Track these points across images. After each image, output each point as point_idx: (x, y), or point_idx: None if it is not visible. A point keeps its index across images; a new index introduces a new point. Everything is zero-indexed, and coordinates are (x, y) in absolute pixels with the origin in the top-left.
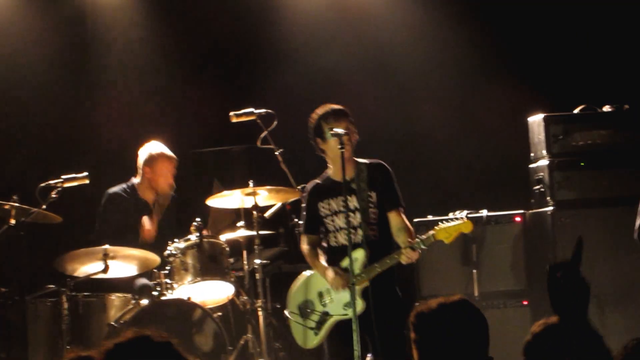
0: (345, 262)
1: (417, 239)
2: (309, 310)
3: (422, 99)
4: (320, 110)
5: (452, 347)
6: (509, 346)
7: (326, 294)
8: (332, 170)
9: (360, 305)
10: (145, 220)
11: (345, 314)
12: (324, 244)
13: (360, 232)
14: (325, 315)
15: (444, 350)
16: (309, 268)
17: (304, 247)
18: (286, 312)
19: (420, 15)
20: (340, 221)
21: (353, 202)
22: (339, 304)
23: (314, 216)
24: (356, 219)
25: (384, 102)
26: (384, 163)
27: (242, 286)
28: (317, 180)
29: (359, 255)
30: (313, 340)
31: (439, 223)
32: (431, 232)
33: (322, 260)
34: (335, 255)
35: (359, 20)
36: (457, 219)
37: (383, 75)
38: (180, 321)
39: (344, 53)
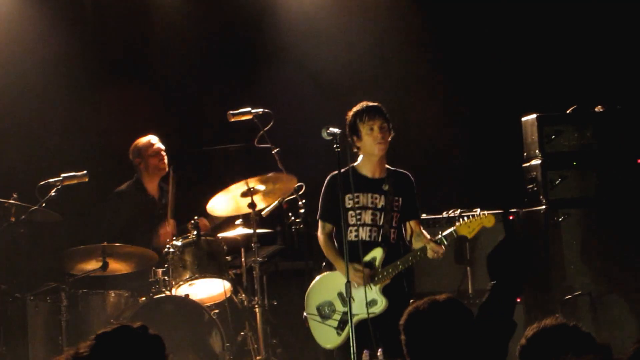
0: (366, 258)
1: (439, 235)
2: (330, 311)
3: (417, 98)
4: (355, 108)
5: (442, 346)
6: None
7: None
8: (364, 166)
9: (384, 303)
10: (163, 227)
11: (371, 312)
12: (337, 240)
13: (381, 232)
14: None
15: (434, 350)
16: (306, 266)
17: (322, 235)
18: (305, 314)
19: (415, 16)
20: (367, 217)
21: (381, 201)
22: (361, 302)
23: (336, 205)
24: (380, 219)
25: (379, 102)
26: (409, 174)
27: (239, 283)
28: (344, 173)
29: (378, 254)
30: (337, 340)
31: (461, 219)
32: (452, 227)
33: (339, 255)
34: (353, 250)
35: (357, 20)
36: (472, 215)
37: (378, 75)
38: (179, 318)
39: (341, 52)
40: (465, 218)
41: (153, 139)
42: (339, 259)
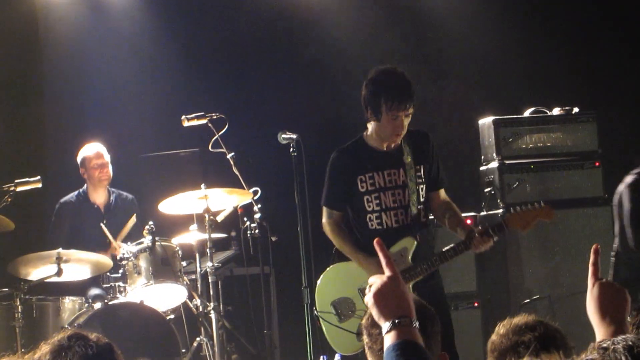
0: (394, 249)
1: (487, 227)
2: (348, 310)
3: None
4: (385, 81)
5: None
6: (461, 346)
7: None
8: (375, 138)
9: None
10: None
11: None
12: (356, 229)
13: (408, 212)
14: None
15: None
16: (262, 272)
17: (328, 222)
18: (316, 312)
19: (376, 15)
20: (388, 199)
21: (401, 176)
22: None
23: (345, 190)
24: (405, 197)
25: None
26: (427, 133)
27: (194, 289)
28: (351, 148)
29: (408, 244)
30: (356, 347)
31: (512, 209)
32: (502, 219)
33: (356, 246)
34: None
35: (325, 20)
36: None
37: (357, 73)
38: (133, 324)
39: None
40: (518, 208)
41: (97, 151)
42: (358, 253)
